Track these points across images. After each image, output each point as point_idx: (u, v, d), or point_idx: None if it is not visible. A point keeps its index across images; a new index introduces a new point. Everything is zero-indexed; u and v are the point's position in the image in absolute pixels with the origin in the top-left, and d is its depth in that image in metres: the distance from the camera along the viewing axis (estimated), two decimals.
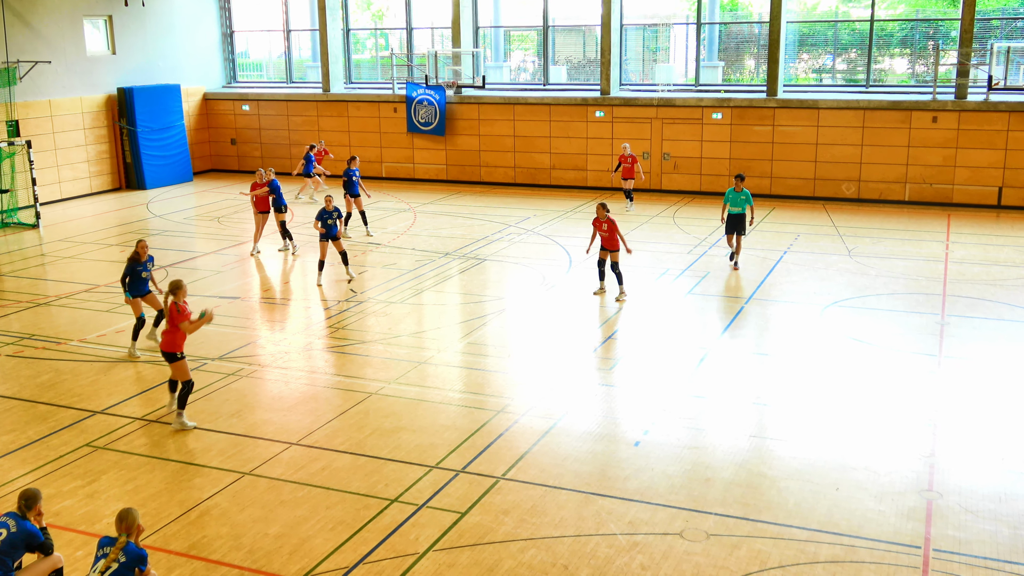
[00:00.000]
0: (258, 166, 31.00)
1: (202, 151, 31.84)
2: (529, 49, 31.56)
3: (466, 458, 10.41)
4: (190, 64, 31.08)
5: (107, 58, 28.31)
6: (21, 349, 14.36)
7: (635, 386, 12.61)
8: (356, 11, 32.88)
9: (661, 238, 21.05)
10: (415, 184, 28.83)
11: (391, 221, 23.33)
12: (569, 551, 8.54)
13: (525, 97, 28.01)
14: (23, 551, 7.45)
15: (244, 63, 33.92)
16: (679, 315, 15.74)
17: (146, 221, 24.16)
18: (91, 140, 27.92)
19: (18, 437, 11.21)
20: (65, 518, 9.23)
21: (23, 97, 25.40)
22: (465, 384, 12.91)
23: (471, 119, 28.61)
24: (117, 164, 28.84)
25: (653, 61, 29.18)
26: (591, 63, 29.69)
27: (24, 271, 19.37)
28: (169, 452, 10.75)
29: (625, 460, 10.34)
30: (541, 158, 27.93)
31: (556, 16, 29.38)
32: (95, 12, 27.76)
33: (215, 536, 8.92)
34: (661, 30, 29.37)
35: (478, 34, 29.58)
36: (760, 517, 9.08)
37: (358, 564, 8.40)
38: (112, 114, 28.47)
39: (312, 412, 11.81)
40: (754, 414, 11.68)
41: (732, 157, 25.83)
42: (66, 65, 26.84)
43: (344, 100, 30.17)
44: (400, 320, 15.51)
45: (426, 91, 28.60)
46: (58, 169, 26.87)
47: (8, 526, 7.36)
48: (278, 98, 31.09)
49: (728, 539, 8.70)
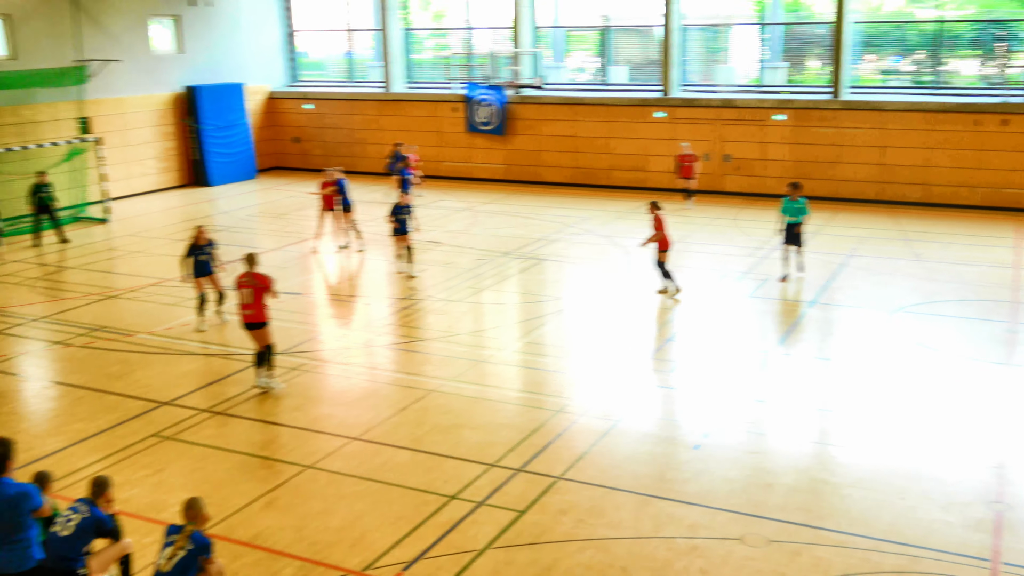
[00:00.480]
0: (319, 164, 31.42)
1: (265, 149, 32.30)
2: (589, 49, 31.50)
3: (524, 457, 10.43)
4: (254, 63, 31.55)
5: (174, 57, 28.87)
6: (92, 340, 14.72)
7: (695, 389, 12.53)
8: (417, 11, 33.10)
9: (721, 240, 20.88)
10: (474, 184, 28.94)
11: (450, 220, 23.45)
12: (627, 553, 8.53)
13: (584, 97, 27.97)
14: (93, 536, 7.63)
15: (306, 62, 34.35)
16: (740, 318, 15.60)
17: (211, 217, 24.59)
18: (159, 137, 28.50)
19: (89, 426, 11.49)
20: (133, 505, 9.45)
21: (94, 95, 26.00)
22: (523, 383, 12.94)
23: (530, 119, 28.64)
24: (183, 161, 29.40)
25: (714, 62, 28.93)
26: (651, 63, 29.53)
27: (94, 265, 19.84)
28: (234, 444, 10.94)
29: (684, 463, 10.29)
30: (600, 158, 27.85)
31: (616, 16, 29.27)
32: (164, 12, 28.34)
33: (278, 527, 9.06)
34: (723, 30, 29.12)
35: (537, 34, 29.60)
36: (822, 524, 8.97)
37: (417, 559, 8.47)
38: (179, 112, 29.03)
39: (372, 408, 11.93)
40: (817, 420, 11.54)
41: (794, 159, 25.52)
42: (135, 64, 27.42)
43: (404, 99, 30.40)
44: (459, 318, 15.59)
45: (485, 91, 28.70)
46: (127, 165, 27.47)
47: (80, 511, 7.54)
48: (340, 97, 31.42)
49: (789, 546, 8.61)
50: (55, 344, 14.67)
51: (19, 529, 6.81)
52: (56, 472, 9.21)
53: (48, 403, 12.50)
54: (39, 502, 6.89)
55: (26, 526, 6.84)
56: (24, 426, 11.61)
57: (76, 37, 25.51)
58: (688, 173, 24.45)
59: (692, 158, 24.29)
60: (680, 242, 20.56)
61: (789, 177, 25.15)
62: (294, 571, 8.34)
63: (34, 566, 6.92)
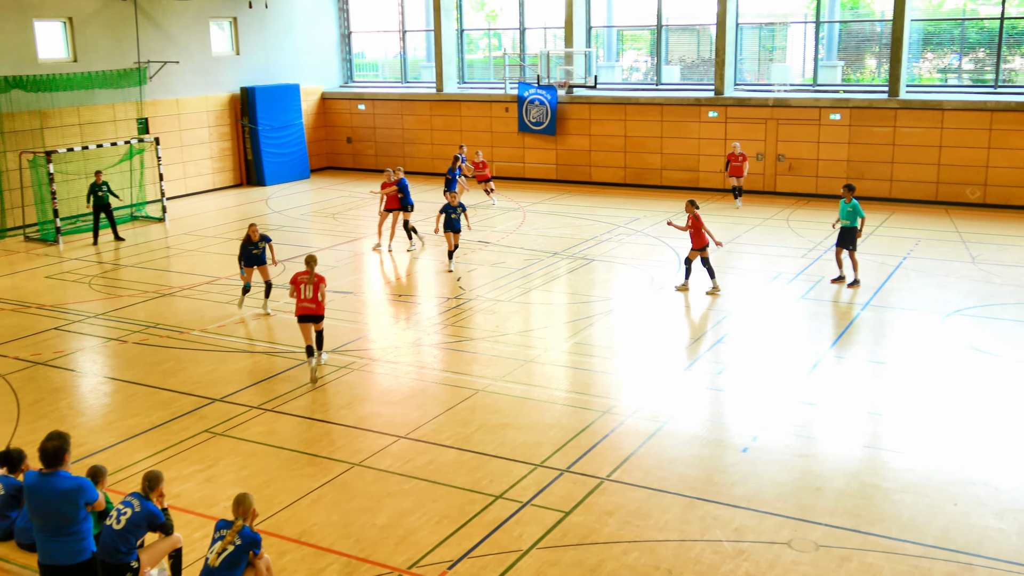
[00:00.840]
0: (371, 164, 31.70)
1: (319, 149, 32.64)
2: (642, 49, 31.34)
3: (571, 457, 10.42)
4: (309, 64, 31.90)
5: (231, 58, 29.30)
6: (146, 337, 15.00)
7: (744, 391, 12.40)
8: (470, 11, 33.19)
9: (774, 241, 20.64)
10: (525, 183, 28.95)
11: (500, 220, 23.48)
12: (673, 555, 8.47)
13: (637, 97, 27.83)
14: (145, 530, 7.78)
15: (360, 63, 34.64)
16: (791, 320, 15.41)
17: (265, 216, 24.91)
18: (215, 137, 28.95)
19: (142, 421, 11.72)
20: (184, 500, 9.61)
21: (152, 96, 26.49)
22: (571, 384, 12.92)
23: (582, 119, 28.58)
24: (238, 161, 29.82)
25: (769, 60, 28.61)
26: (705, 63, 29.29)
27: (150, 263, 20.21)
28: (283, 441, 11.07)
29: (732, 466, 10.19)
30: (652, 158, 27.70)
31: (670, 15, 29.09)
32: (221, 14, 28.77)
33: (325, 524, 9.15)
34: (778, 29, 28.78)
35: (591, 34, 29.52)
36: (872, 530, 8.83)
37: (462, 558, 8.50)
38: (235, 112, 29.46)
39: (420, 407, 12.00)
40: (868, 423, 11.36)
41: (849, 159, 25.14)
42: (193, 65, 27.89)
43: (457, 100, 30.52)
44: (507, 318, 15.62)
45: (538, 91, 28.70)
46: (183, 165, 27.95)
47: (132, 505, 7.69)
48: (392, 98, 31.64)
49: (838, 551, 8.49)
50: (110, 340, 14.98)
51: (74, 522, 6.96)
52: (110, 466, 9.42)
53: (103, 398, 12.77)
54: (94, 495, 7.03)
55: (81, 519, 6.98)
56: (80, 421, 11.87)
57: (136, 39, 26.02)
58: (738, 172, 24.29)
59: (743, 157, 24.12)
60: (731, 243, 20.41)
61: (844, 178, 24.82)
62: (340, 567, 8.42)
63: (88, 558, 7.06)
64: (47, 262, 20.32)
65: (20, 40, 23.34)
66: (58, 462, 6.92)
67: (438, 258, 19.66)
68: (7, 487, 8.24)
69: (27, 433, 11.30)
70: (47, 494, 6.87)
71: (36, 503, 6.93)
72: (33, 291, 17.89)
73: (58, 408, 12.26)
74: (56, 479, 6.88)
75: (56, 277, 19.03)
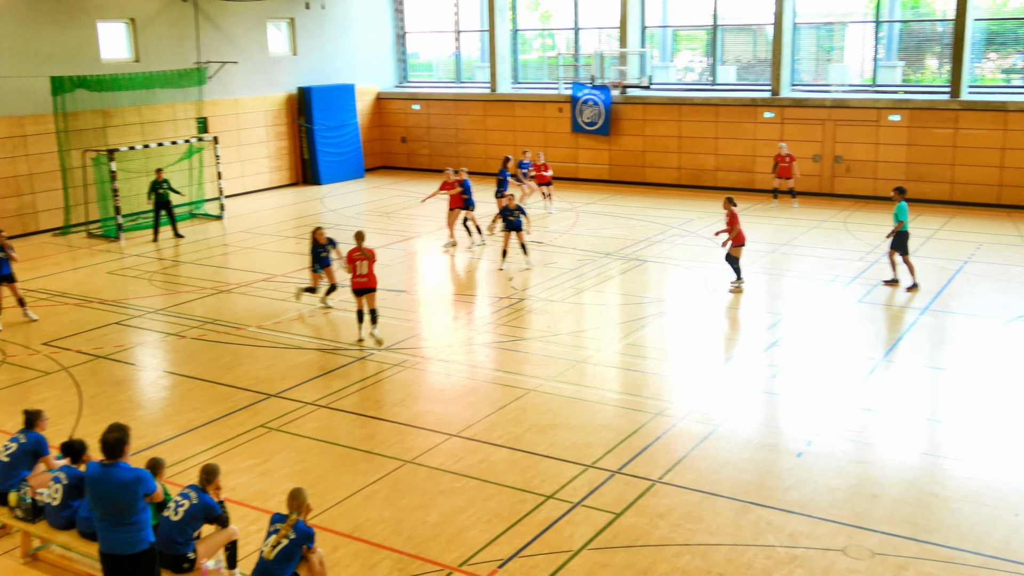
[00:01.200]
0: (425, 164, 31.86)
1: (373, 148, 32.91)
2: (697, 49, 31.11)
3: (622, 459, 10.38)
4: (364, 64, 32.18)
5: (288, 58, 29.67)
6: (204, 333, 15.25)
7: (799, 395, 12.26)
8: (524, 12, 33.23)
9: (831, 243, 20.36)
10: (578, 184, 28.90)
11: (553, 220, 23.47)
12: (725, 560, 8.40)
13: (691, 97, 27.64)
14: (202, 522, 7.92)
15: (415, 63, 34.85)
16: (848, 324, 15.19)
17: (320, 215, 25.18)
18: (271, 137, 29.33)
19: (199, 415, 11.91)
20: (240, 493, 9.75)
21: (211, 95, 26.91)
22: (623, 385, 12.87)
23: (636, 119, 28.46)
24: (295, 160, 30.19)
25: (827, 60, 28.23)
26: (761, 63, 28.99)
27: (208, 260, 20.55)
28: (336, 437, 11.18)
29: (786, 470, 10.08)
30: (706, 159, 27.49)
31: (726, 15, 28.84)
32: (279, 15, 29.15)
33: (377, 520, 9.23)
34: (837, 28, 28.38)
35: (645, 34, 29.38)
36: (930, 539, 8.67)
37: (513, 557, 8.52)
38: (291, 112, 29.82)
39: (472, 405, 12.04)
40: (927, 430, 11.16)
41: (909, 161, 24.70)
42: (251, 65, 28.28)
43: (511, 100, 30.56)
44: (560, 318, 15.61)
45: (591, 91, 28.63)
46: (241, 164, 28.36)
47: (190, 497, 7.84)
48: (447, 98, 31.79)
49: (894, 559, 8.36)
50: (169, 335, 15.25)
51: (133, 512, 7.08)
52: (168, 459, 9.60)
53: (162, 392, 13.01)
54: (153, 487, 7.16)
55: (139, 509, 7.10)
56: (139, 414, 12.11)
57: (196, 40, 26.46)
58: (786, 173, 24.17)
59: (790, 158, 23.96)
60: (787, 244, 20.20)
61: (903, 180, 24.42)
62: (392, 564, 8.48)
63: (147, 548, 7.19)
64: (109, 258, 20.75)
65: (84, 41, 23.87)
66: (118, 453, 7.05)
67: (494, 259, 19.72)
68: (70, 477, 8.44)
69: (89, 425, 11.55)
70: (107, 484, 7.01)
71: (97, 493, 7.08)
72: (95, 286, 18.28)
73: (119, 401, 12.52)
74: (116, 470, 7.02)
75: (117, 273, 19.43)
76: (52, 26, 23.13)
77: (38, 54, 22.85)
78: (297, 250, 20.86)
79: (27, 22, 22.62)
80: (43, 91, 22.70)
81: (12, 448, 8.99)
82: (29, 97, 22.70)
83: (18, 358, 14.19)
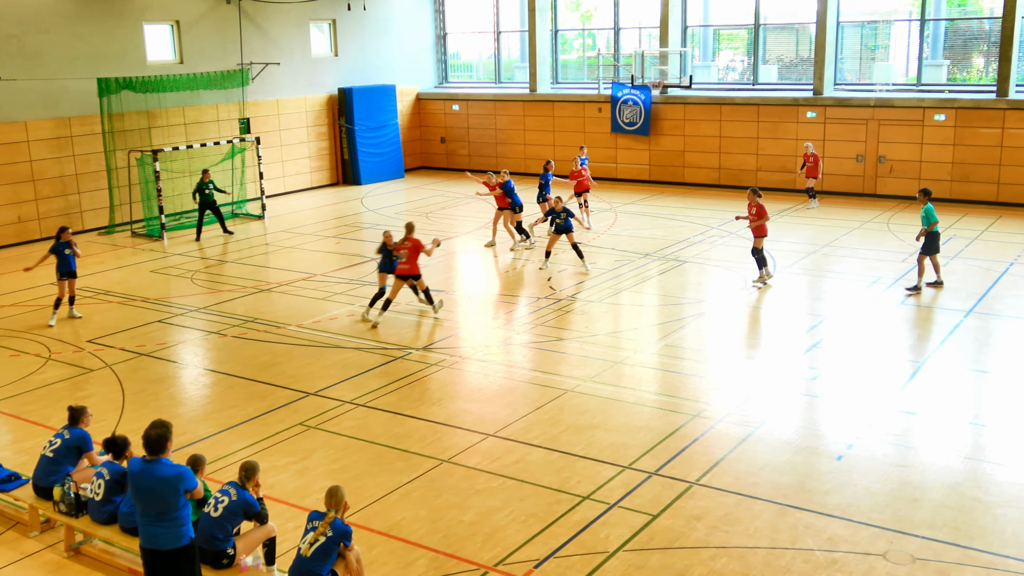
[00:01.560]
0: (464, 164, 31.93)
1: (413, 149, 33.06)
2: (739, 48, 30.88)
3: (659, 460, 10.33)
4: (405, 65, 32.34)
5: (329, 59, 29.89)
6: (245, 331, 15.41)
7: (839, 397, 12.12)
8: (564, 12, 33.19)
9: (873, 245, 20.11)
10: (617, 184, 28.82)
11: (592, 220, 23.40)
12: (763, 563, 8.33)
13: (732, 97, 27.44)
14: (241, 518, 8.00)
15: (455, 64, 34.95)
16: (890, 326, 14.99)
17: (360, 215, 25.34)
18: (313, 137, 29.58)
19: (239, 413, 12.04)
20: (278, 491, 9.84)
21: (254, 96, 27.20)
22: (661, 386, 12.81)
23: (676, 119, 28.31)
24: (335, 160, 30.41)
25: (871, 59, 27.88)
26: (803, 62, 28.72)
27: (249, 259, 20.76)
28: (373, 435, 11.25)
29: (826, 474, 9.97)
30: (747, 159, 27.28)
31: (768, 14, 28.60)
32: (321, 16, 29.38)
33: (413, 519, 9.26)
34: (881, 27, 28.02)
35: (686, 33, 29.22)
36: (972, 544, 8.53)
37: (548, 558, 8.51)
38: (332, 113, 30.05)
39: (509, 405, 12.05)
40: (970, 434, 10.98)
41: (954, 161, 24.33)
42: (293, 66, 28.54)
43: (550, 100, 30.54)
44: (598, 319, 15.57)
45: (631, 91, 28.53)
46: (282, 164, 28.63)
47: (229, 494, 7.92)
48: (486, 98, 31.83)
49: (935, 565, 8.23)
50: (211, 334, 15.43)
51: (174, 508, 7.17)
52: (208, 456, 9.71)
53: (202, 389, 13.17)
54: (193, 483, 7.24)
55: (180, 505, 7.19)
56: (180, 411, 12.27)
57: (239, 42, 26.75)
58: (813, 173, 24.02)
59: (815, 158, 23.90)
60: (828, 245, 19.99)
61: (948, 180, 24.08)
62: (427, 562, 8.51)
63: (187, 544, 7.28)
64: (152, 257, 21.04)
65: (131, 43, 24.23)
66: (160, 450, 7.15)
67: (534, 260, 19.72)
68: (111, 473, 8.57)
69: (131, 421, 11.72)
70: (149, 480, 7.10)
71: (139, 489, 7.18)
72: (138, 285, 18.55)
73: (160, 398, 12.69)
74: (158, 466, 7.11)
75: (160, 272, 19.70)
76: (99, 29, 23.51)
77: (86, 57, 23.24)
78: (337, 250, 21.03)
79: (76, 26, 23.01)
80: (90, 93, 23.09)
81: (56, 444, 9.16)
82: (76, 99, 23.10)
83: (64, 355, 14.44)
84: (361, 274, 18.71)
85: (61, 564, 8.75)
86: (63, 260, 15.90)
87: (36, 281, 18.51)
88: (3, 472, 9.66)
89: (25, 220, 22.53)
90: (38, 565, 8.73)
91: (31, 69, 22.27)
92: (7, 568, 8.69)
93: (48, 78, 22.57)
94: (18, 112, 22.17)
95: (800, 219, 22.94)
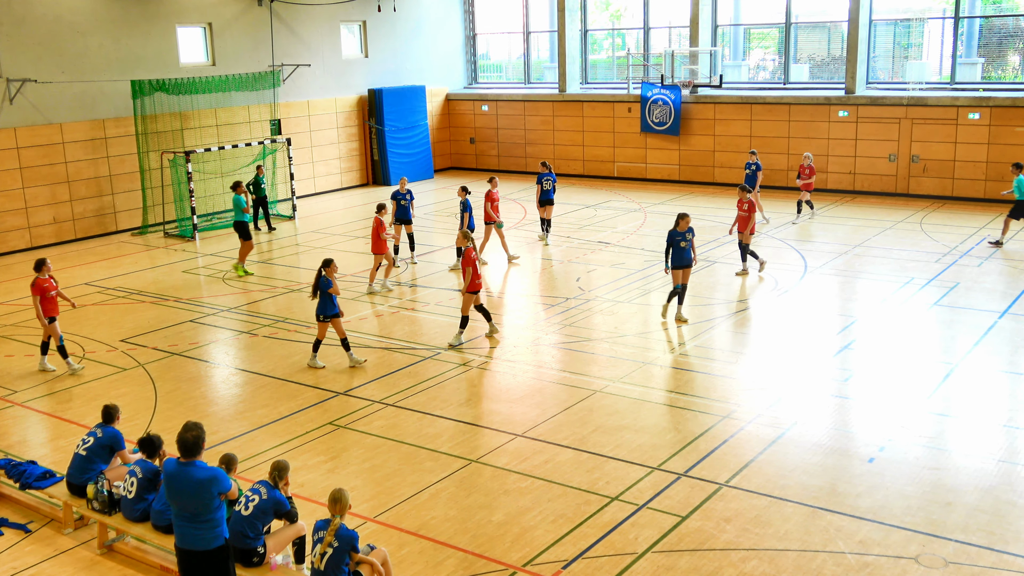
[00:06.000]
0: (493, 164, 31.95)
1: (442, 149, 33.14)
2: (770, 47, 30.69)
3: (689, 461, 10.29)
4: (434, 66, 32.43)
5: (360, 61, 30.03)
6: (276, 331, 15.52)
7: (871, 399, 12.01)
8: (594, 12, 33.14)
9: (906, 245, 19.91)
10: (647, 184, 28.72)
11: (621, 221, 23.36)
12: (793, 565, 8.27)
13: (763, 96, 27.27)
14: (272, 517, 8.05)
15: (485, 64, 34.99)
16: (923, 327, 14.83)
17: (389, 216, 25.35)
18: (343, 138, 29.73)
19: (270, 412, 12.13)
20: (308, 490, 9.90)
21: (285, 98, 27.38)
22: (690, 387, 12.75)
23: (706, 119, 28.18)
24: (365, 161, 30.55)
25: (904, 58, 27.60)
26: (835, 61, 28.48)
27: (280, 259, 20.90)
28: (403, 435, 11.29)
29: (857, 476, 9.88)
30: (778, 159, 27.08)
31: (799, 12, 28.39)
32: (351, 18, 29.52)
33: (443, 518, 9.29)
34: (914, 25, 27.72)
35: (716, 32, 29.07)
36: (1007, 548, 8.43)
37: (577, 558, 8.50)
38: (362, 114, 30.18)
39: (537, 405, 12.05)
40: (1004, 437, 10.84)
41: (989, 160, 24.03)
42: (324, 68, 28.71)
43: (579, 100, 30.50)
44: (626, 319, 15.53)
45: (661, 91, 28.43)
46: (313, 165, 28.80)
47: (260, 493, 7.97)
48: (515, 99, 31.85)
49: (969, 569, 8.14)
50: (242, 333, 15.55)
51: (209, 510, 7.19)
52: (239, 455, 9.77)
53: (234, 389, 13.27)
54: (228, 485, 7.25)
55: (215, 507, 7.21)
56: (212, 410, 12.37)
57: (271, 44, 26.94)
58: (810, 186, 22.69)
59: (812, 170, 22.63)
60: (861, 246, 19.82)
61: (982, 179, 23.79)
62: (457, 562, 8.53)
63: (222, 544, 7.31)
64: (184, 257, 21.24)
65: (164, 46, 24.48)
66: (196, 452, 7.18)
67: (560, 258, 19.70)
68: (144, 471, 8.66)
69: (164, 420, 11.84)
70: (184, 482, 7.14)
71: (174, 490, 7.22)
72: (171, 285, 18.73)
73: (192, 397, 12.80)
74: (193, 469, 7.15)
75: (192, 272, 19.87)
76: (134, 32, 23.77)
77: (120, 59, 23.50)
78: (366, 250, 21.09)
79: (111, 29, 23.28)
80: (124, 95, 23.35)
81: (90, 442, 9.27)
82: (111, 101, 23.37)
83: (97, 354, 14.60)
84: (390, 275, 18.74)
85: (94, 561, 8.86)
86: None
87: (65, 283, 18.76)
88: (38, 470, 9.79)
89: (60, 221, 22.82)
90: (72, 562, 8.84)
91: (67, 72, 22.55)
92: (42, 564, 8.81)
93: (83, 80, 22.85)
94: (54, 114, 22.46)
95: (832, 219, 22.75)
